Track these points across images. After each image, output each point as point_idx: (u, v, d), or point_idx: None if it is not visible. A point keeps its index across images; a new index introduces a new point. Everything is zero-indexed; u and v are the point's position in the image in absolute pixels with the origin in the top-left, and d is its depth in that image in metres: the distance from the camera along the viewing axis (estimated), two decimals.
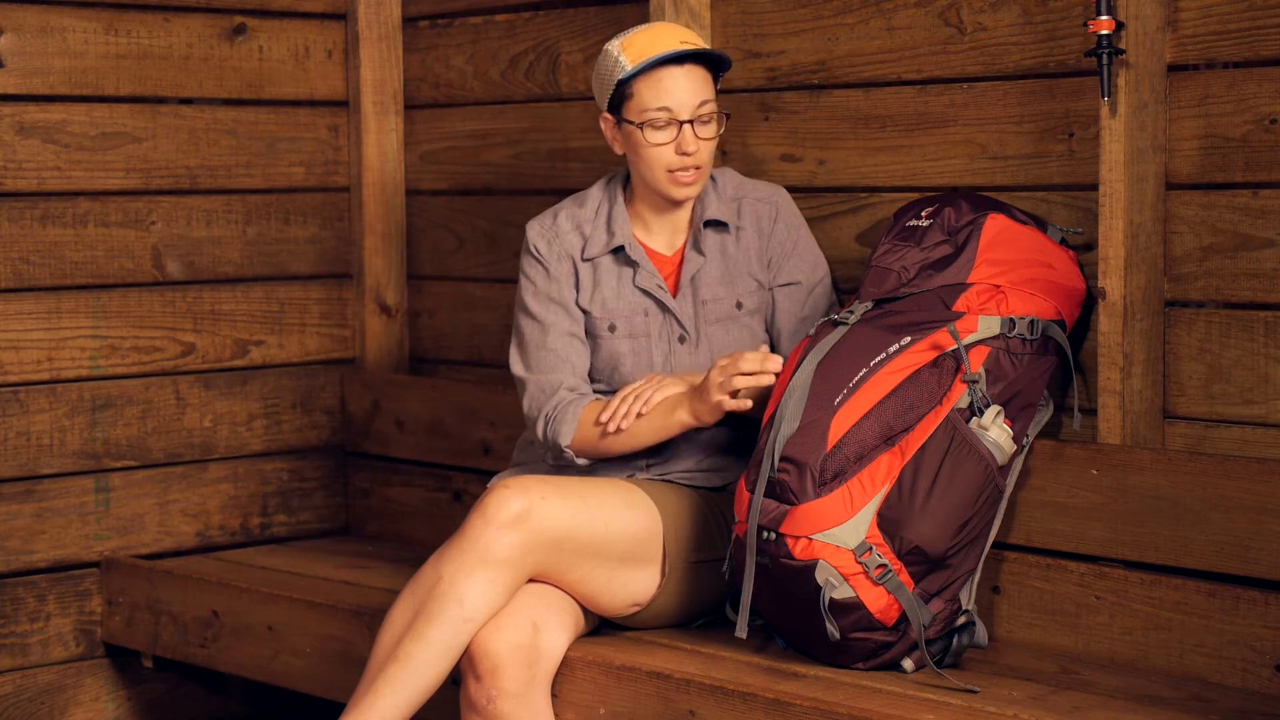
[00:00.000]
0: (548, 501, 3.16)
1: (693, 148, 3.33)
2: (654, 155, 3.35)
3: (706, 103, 3.33)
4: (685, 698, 3.03)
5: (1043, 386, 3.18)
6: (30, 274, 4.00)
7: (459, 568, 3.12)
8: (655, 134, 3.33)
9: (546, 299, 3.42)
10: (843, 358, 3.15)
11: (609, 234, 3.43)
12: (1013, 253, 3.20)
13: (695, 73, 3.34)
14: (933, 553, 3.04)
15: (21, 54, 3.96)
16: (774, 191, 3.51)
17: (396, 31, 4.44)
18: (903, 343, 3.13)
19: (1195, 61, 3.17)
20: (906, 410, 3.08)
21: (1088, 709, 2.91)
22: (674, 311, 3.42)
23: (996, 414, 3.08)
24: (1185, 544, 3.07)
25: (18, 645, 4.02)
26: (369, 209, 4.42)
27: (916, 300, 3.20)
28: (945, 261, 3.22)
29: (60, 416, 4.05)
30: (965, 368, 3.08)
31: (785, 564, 3.05)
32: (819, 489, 3.04)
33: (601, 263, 3.44)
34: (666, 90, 3.32)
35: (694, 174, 3.36)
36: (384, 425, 4.37)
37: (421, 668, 3.10)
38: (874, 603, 3.03)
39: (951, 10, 3.45)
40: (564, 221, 3.46)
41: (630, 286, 3.43)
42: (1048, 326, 3.17)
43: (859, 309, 3.21)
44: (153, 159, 4.15)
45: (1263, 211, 3.11)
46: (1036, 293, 3.18)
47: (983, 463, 3.07)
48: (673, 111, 3.32)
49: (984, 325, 3.14)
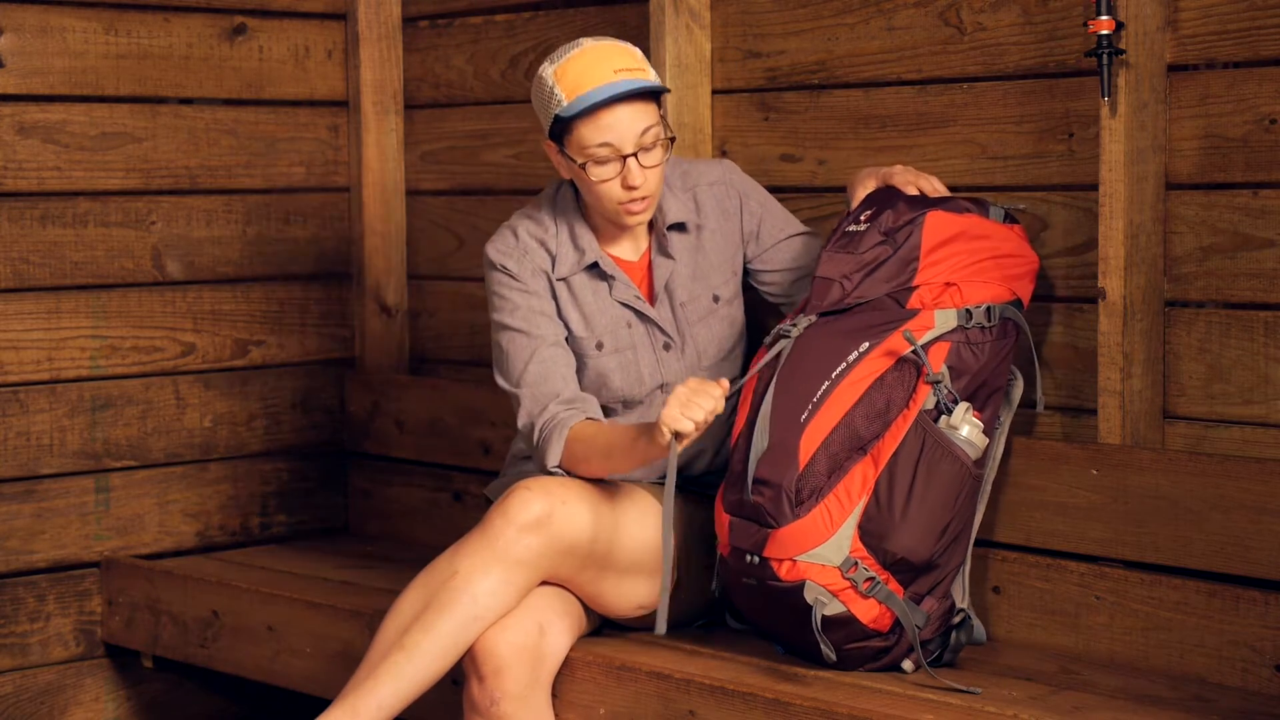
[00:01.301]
0: (569, 506, 3.14)
1: (638, 180, 3.22)
2: (601, 190, 3.24)
3: (649, 129, 3.21)
4: (685, 698, 3.03)
5: (1007, 369, 3.15)
6: (30, 274, 4.00)
7: (475, 564, 3.11)
8: (599, 169, 3.22)
9: (528, 312, 3.32)
10: (804, 370, 3.10)
11: (577, 250, 3.35)
12: (956, 246, 3.15)
13: (634, 104, 3.21)
14: (918, 560, 3.02)
15: (21, 54, 3.96)
16: (724, 170, 3.45)
17: (396, 31, 4.44)
18: (861, 349, 3.08)
19: (1195, 61, 3.17)
20: (874, 417, 3.06)
21: (1088, 709, 2.91)
22: (655, 320, 3.38)
23: (965, 410, 3.05)
24: (1185, 544, 3.07)
25: (18, 645, 4.02)
26: (369, 209, 4.42)
27: (866, 306, 3.16)
28: (887, 266, 3.17)
29: (60, 416, 4.05)
30: (927, 369, 3.06)
31: (773, 585, 3.03)
32: (796, 510, 3.01)
33: (575, 281, 3.35)
34: (606, 126, 3.19)
35: (644, 203, 3.26)
36: (384, 425, 4.37)
37: (426, 659, 3.09)
38: (865, 614, 3.02)
39: (951, 10, 3.45)
40: (526, 238, 3.35)
41: (609, 300, 3.36)
42: (1004, 310, 3.14)
43: (802, 321, 3.16)
44: (153, 159, 4.15)
45: (1263, 211, 3.11)
46: (989, 280, 3.15)
47: (957, 463, 3.05)
48: (615, 146, 3.20)
49: (940, 320, 3.11)
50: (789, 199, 3.61)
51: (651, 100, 3.24)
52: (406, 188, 4.47)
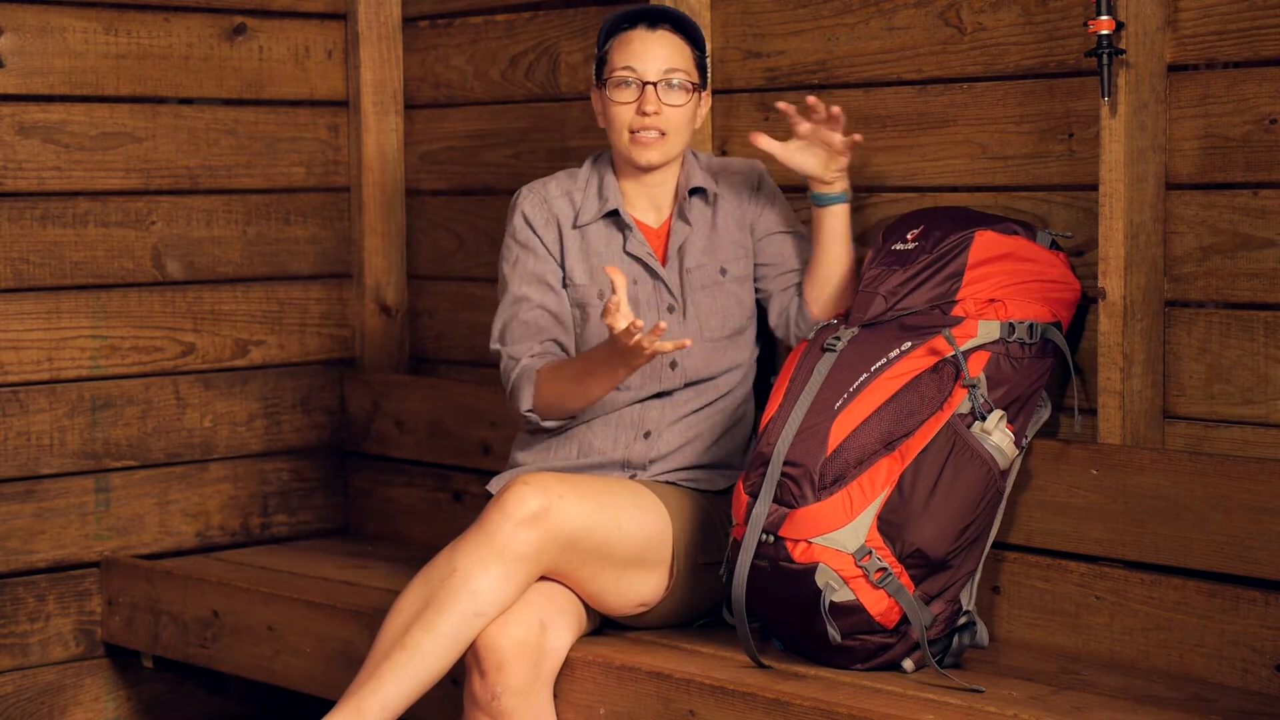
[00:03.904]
0: (565, 500, 3.16)
1: (652, 108, 3.35)
2: (617, 114, 3.38)
3: (675, 71, 3.36)
4: (685, 698, 3.03)
5: (1041, 388, 3.19)
6: (30, 274, 4.00)
7: (474, 561, 3.12)
8: (619, 92, 3.37)
9: (524, 270, 3.45)
10: (843, 361, 3.15)
11: (600, 200, 3.45)
12: (1003, 265, 3.19)
13: (666, 38, 3.37)
14: (934, 555, 3.04)
15: (21, 54, 3.96)
16: (753, 165, 3.55)
17: (396, 31, 4.44)
18: (903, 348, 3.13)
19: (1195, 61, 3.17)
20: (907, 416, 3.08)
21: (1088, 709, 2.91)
22: (664, 279, 3.43)
23: (999, 419, 3.08)
24: (1185, 544, 3.07)
25: (18, 645, 4.02)
26: (369, 209, 4.42)
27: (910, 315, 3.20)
28: (933, 280, 3.20)
29: (60, 416, 4.05)
30: (964, 373, 3.08)
31: (785, 567, 3.05)
32: (819, 493, 3.05)
33: (591, 229, 3.45)
34: (633, 52, 3.36)
35: (655, 137, 3.37)
36: (384, 425, 4.37)
37: (428, 658, 3.10)
38: (874, 605, 3.03)
39: (951, 10, 3.45)
40: (554, 189, 3.50)
41: (620, 252, 3.44)
42: (1046, 329, 3.17)
43: (846, 334, 3.20)
44: (153, 159, 4.15)
45: (1263, 211, 3.11)
46: (1033, 299, 3.19)
47: (985, 466, 3.07)
48: (637, 72, 3.36)
49: (984, 330, 3.14)
50: (788, 199, 3.61)
51: (688, 49, 3.39)
52: (406, 188, 4.47)
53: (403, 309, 4.48)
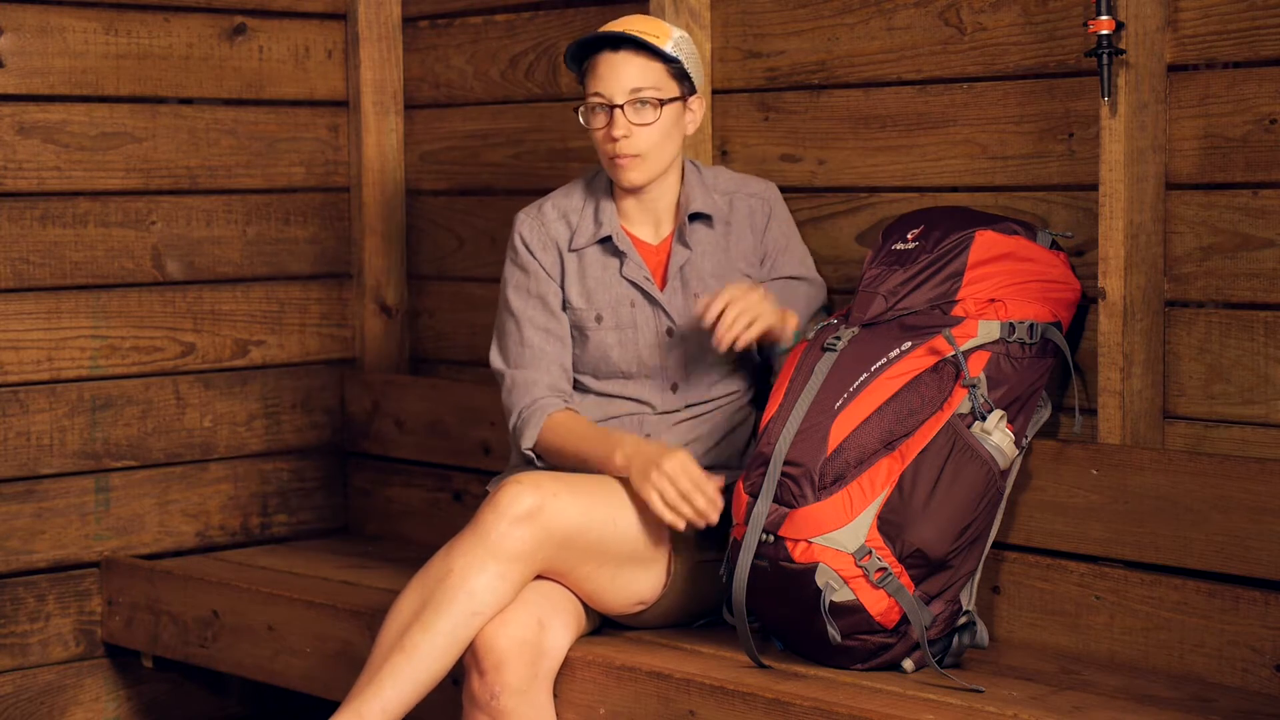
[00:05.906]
0: (559, 498, 3.16)
1: (620, 131, 3.32)
2: (596, 140, 3.38)
3: (641, 90, 3.32)
4: (685, 698, 3.03)
5: (1042, 388, 3.19)
6: (30, 274, 4.00)
7: (470, 561, 3.12)
8: (592, 118, 3.36)
9: (526, 293, 3.44)
10: (843, 362, 3.15)
11: (596, 224, 3.43)
12: (1003, 265, 3.19)
13: (630, 59, 3.33)
14: (934, 555, 3.04)
15: (21, 54, 3.96)
16: (767, 188, 3.52)
17: (396, 31, 4.44)
18: (903, 348, 3.13)
19: (1195, 61, 3.17)
20: (907, 415, 3.08)
21: (1088, 709, 2.91)
22: (661, 304, 3.42)
23: (1000, 418, 3.08)
24: (1185, 544, 3.07)
25: (18, 645, 4.02)
26: (369, 209, 4.42)
27: (910, 315, 3.20)
28: (933, 280, 3.21)
29: (60, 416, 4.05)
30: (964, 373, 3.08)
31: (785, 567, 3.05)
32: (819, 493, 3.05)
33: (588, 253, 3.44)
34: (599, 75, 3.34)
35: (630, 160, 3.35)
36: (384, 425, 4.37)
37: (427, 659, 3.10)
38: (874, 605, 3.03)
39: (951, 10, 3.45)
40: (550, 211, 3.47)
41: (616, 277, 3.43)
42: (1046, 329, 3.17)
43: (846, 334, 3.20)
44: (153, 159, 4.15)
45: (1263, 211, 3.11)
46: (1033, 299, 3.19)
47: (985, 466, 3.07)
48: (604, 96, 3.33)
49: (984, 330, 3.14)
50: (789, 199, 3.61)
51: (658, 64, 3.33)
52: (406, 188, 4.47)
53: (403, 309, 4.48)
